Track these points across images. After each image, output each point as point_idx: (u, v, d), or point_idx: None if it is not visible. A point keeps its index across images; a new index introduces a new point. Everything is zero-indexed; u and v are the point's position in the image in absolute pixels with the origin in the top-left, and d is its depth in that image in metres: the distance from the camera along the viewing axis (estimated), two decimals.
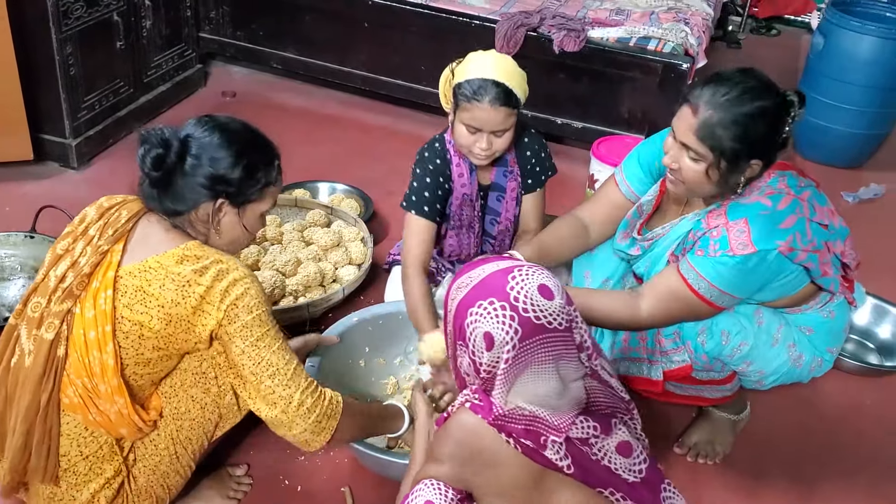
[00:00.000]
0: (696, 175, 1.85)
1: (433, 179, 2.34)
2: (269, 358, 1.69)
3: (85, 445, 1.71)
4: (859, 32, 3.59)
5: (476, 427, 1.42)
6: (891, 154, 3.99)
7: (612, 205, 2.21)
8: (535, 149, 2.43)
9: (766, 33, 5.69)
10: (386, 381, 2.34)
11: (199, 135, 1.70)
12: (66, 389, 1.66)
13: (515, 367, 1.39)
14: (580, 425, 1.43)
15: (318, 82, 4.13)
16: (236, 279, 1.66)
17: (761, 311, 1.98)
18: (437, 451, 1.48)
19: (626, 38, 3.47)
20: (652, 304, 1.92)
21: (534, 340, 1.38)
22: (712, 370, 2.03)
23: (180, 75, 3.86)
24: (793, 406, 2.47)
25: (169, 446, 1.77)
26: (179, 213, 1.72)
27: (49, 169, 3.31)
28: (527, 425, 1.40)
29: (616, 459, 1.47)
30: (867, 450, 2.37)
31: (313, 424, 1.73)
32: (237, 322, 1.66)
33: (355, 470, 2.13)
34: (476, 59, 2.24)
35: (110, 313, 1.63)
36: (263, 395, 1.71)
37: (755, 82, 1.80)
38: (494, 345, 1.38)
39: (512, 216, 2.47)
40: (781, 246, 1.81)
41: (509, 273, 1.43)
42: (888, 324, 2.76)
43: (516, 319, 1.38)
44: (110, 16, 3.28)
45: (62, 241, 1.74)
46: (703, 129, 1.79)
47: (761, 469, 2.26)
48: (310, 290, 2.59)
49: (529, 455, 1.41)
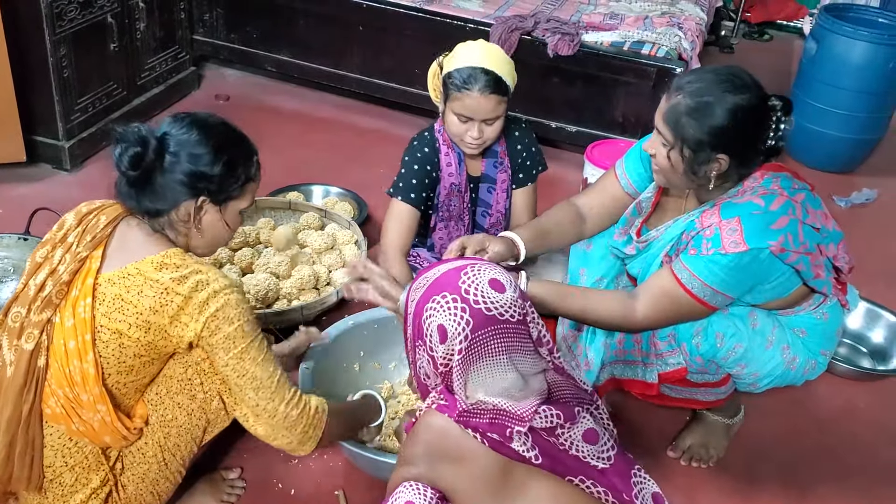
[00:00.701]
0: (662, 160, 1.89)
1: (420, 167, 2.37)
2: (252, 370, 1.68)
3: (70, 456, 1.68)
4: (852, 38, 3.60)
5: (442, 426, 1.44)
6: (882, 159, 4.01)
7: (610, 197, 2.22)
8: (525, 142, 2.44)
9: (758, 38, 5.71)
10: (381, 385, 2.34)
11: (177, 132, 1.66)
12: (48, 400, 1.64)
13: (469, 357, 1.41)
14: (543, 414, 1.44)
15: (312, 85, 4.13)
16: (216, 290, 1.63)
17: (755, 314, 1.99)
18: (407, 453, 1.49)
19: (620, 42, 3.48)
20: (647, 306, 1.92)
21: (486, 331, 1.41)
22: (707, 372, 2.03)
23: (174, 78, 3.86)
24: (786, 409, 2.48)
25: (157, 454, 1.75)
26: (159, 214, 1.69)
27: (42, 171, 3.29)
28: (491, 419, 1.42)
29: (583, 447, 1.48)
30: (861, 454, 2.37)
31: (300, 435, 1.74)
32: (218, 334, 1.64)
33: (349, 472, 2.13)
34: (465, 49, 2.26)
35: (90, 322, 1.60)
36: (248, 406, 1.71)
37: (737, 79, 1.82)
38: (448, 336, 1.41)
39: (503, 208, 2.48)
40: (773, 246, 1.81)
41: (462, 270, 1.47)
42: (881, 328, 2.77)
43: (468, 311, 1.41)
44: (104, 18, 3.28)
45: (41, 249, 1.72)
46: (669, 114, 1.83)
47: (755, 473, 2.27)
48: (304, 292, 2.58)
49: (496, 448, 1.42)
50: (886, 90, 3.68)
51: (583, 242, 2.33)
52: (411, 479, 1.46)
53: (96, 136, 3.39)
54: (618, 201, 2.21)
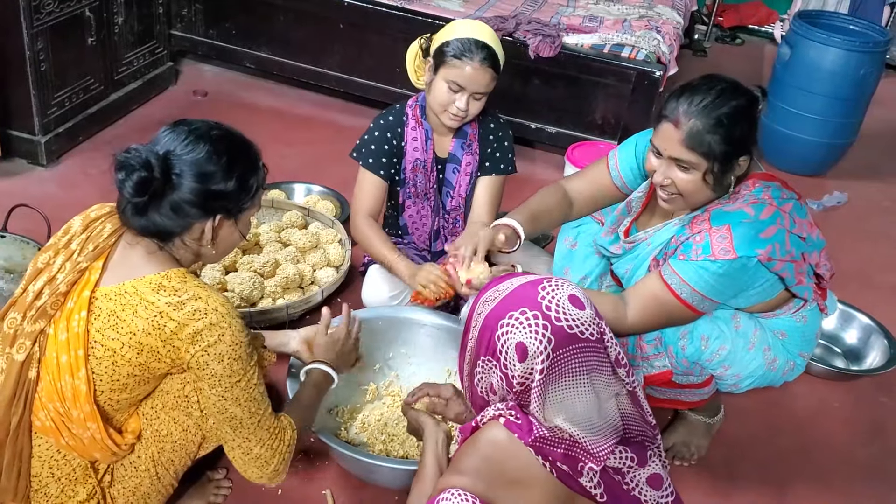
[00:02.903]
0: (690, 185, 1.89)
1: (381, 134, 2.44)
2: (232, 410, 1.62)
3: (57, 468, 1.65)
4: (825, 44, 3.68)
5: (508, 445, 1.38)
6: (853, 163, 4.10)
7: (599, 186, 2.25)
8: (499, 135, 2.48)
9: (730, 42, 5.80)
10: (366, 387, 2.33)
11: (182, 150, 1.55)
12: (37, 412, 1.60)
13: (549, 377, 1.36)
14: (618, 455, 1.41)
15: (291, 82, 4.11)
16: (212, 323, 1.55)
17: (738, 316, 2.03)
18: (461, 463, 1.42)
19: (600, 44, 3.51)
20: (636, 310, 1.95)
21: (567, 350, 1.37)
22: (691, 374, 2.07)
23: (151, 73, 3.81)
24: (764, 409, 2.53)
25: (150, 468, 1.71)
26: (169, 237, 1.60)
27: (17, 166, 3.24)
28: (566, 450, 1.38)
29: (647, 491, 1.45)
30: (837, 451, 2.43)
31: (270, 473, 1.70)
32: (206, 369, 1.58)
33: (337, 473, 2.13)
34: (462, 23, 2.34)
35: (83, 336, 1.54)
36: (224, 440, 1.68)
37: (724, 84, 1.86)
38: (528, 355, 1.36)
39: (464, 192, 2.51)
40: (761, 255, 1.85)
41: (539, 284, 1.42)
42: (854, 329, 2.83)
43: (549, 329, 1.36)
44: (82, 11, 3.23)
45: (44, 254, 1.66)
46: (691, 139, 1.83)
47: (735, 470, 2.31)
48: (288, 291, 2.57)
49: (564, 480, 1.38)
50: (858, 96, 3.76)
51: (568, 241, 2.35)
52: (460, 487, 1.39)
53: (73, 132, 3.35)
54: (606, 190, 2.24)
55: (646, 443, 1.49)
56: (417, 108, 2.45)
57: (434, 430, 1.76)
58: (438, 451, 1.71)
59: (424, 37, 2.40)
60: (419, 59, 2.42)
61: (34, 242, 2.58)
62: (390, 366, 2.38)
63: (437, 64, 2.29)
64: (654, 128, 1.92)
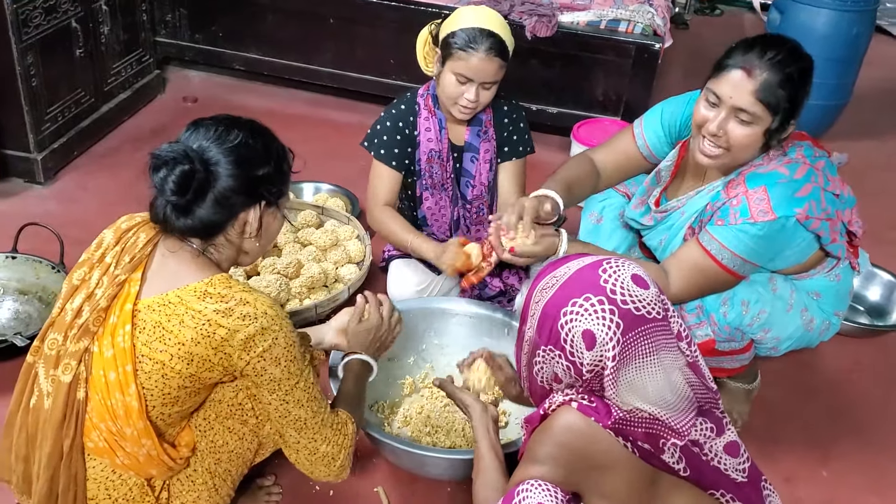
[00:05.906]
0: (746, 138, 1.85)
1: (393, 124, 2.39)
2: (296, 413, 1.59)
3: (113, 488, 1.59)
4: (815, 6, 3.68)
5: (585, 429, 1.35)
6: (849, 124, 4.12)
7: (625, 155, 2.23)
8: (513, 117, 2.46)
9: (710, 13, 5.82)
10: (402, 381, 2.31)
11: (215, 141, 1.50)
12: (90, 433, 1.54)
13: (621, 362, 1.33)
14: (699, 427, 1.39)
15: (281, 82, 4.05)
16: (263, 328, 1.50)
17: (775, 279, 2.02)
18: (537, 452, 1.40)
19: (595, 21, 3.50)
20: (677, 280, 1.94)
21: (636, 332, 1.33)
22: (734, 340, 2.06)
23: (139, 82, 3.74)
24: (796, 371, 2.54)
25: (207, 480, 1.66)
26: (214, 233, 1.56)
27: (14, 186, 3.16)
28: (647, 429, 1.35)
29: (725, 459, 1.44)
30: (872, 406, 2.45)
31: (337, 469, 1.67)
32: (264, 375, 1.54)
33: (386, 469, 2.10)
34: (467, 11, 2.28)
35: (130, 351, 1.49)
36: (288, 444, 1.64)
37: (792, 44, 1.84)
38: (596, 343, 1.32)
39: (486, 180, 2.47)
40: (799, 214, 1.85)
41: (599, 266, 1.38)
42: (877, 286, 2.86)
43: (616, 313, 1.32)
44: (69, 22, 3.15)
45: (78, 271, 1.59)
46: (764, 90, 1.79)
47: (778, 434, 2.31)
48: (314, 291, 2.53)
49: (646, 459, 1.36)
50: (851, 57, 3.77)
51: (593, 215, 2.33)
52: (538, 477, 1.37)
53: (67, 147, 3.28)
54: (633, 159, 2.22)
55: (713, 409, 1.47)
56: (429, 97, 2.40)
57: (481, 416, 1.73)
58: (491, 438, 1.70)
59: (435, 23, 2.36)
60: (429, 45, 2.38)
61: (47, 261, 2.53)
62: (424, 358, 2.36)
63: (444, 56, 2.25)
64: (715, 76, 1.86)
